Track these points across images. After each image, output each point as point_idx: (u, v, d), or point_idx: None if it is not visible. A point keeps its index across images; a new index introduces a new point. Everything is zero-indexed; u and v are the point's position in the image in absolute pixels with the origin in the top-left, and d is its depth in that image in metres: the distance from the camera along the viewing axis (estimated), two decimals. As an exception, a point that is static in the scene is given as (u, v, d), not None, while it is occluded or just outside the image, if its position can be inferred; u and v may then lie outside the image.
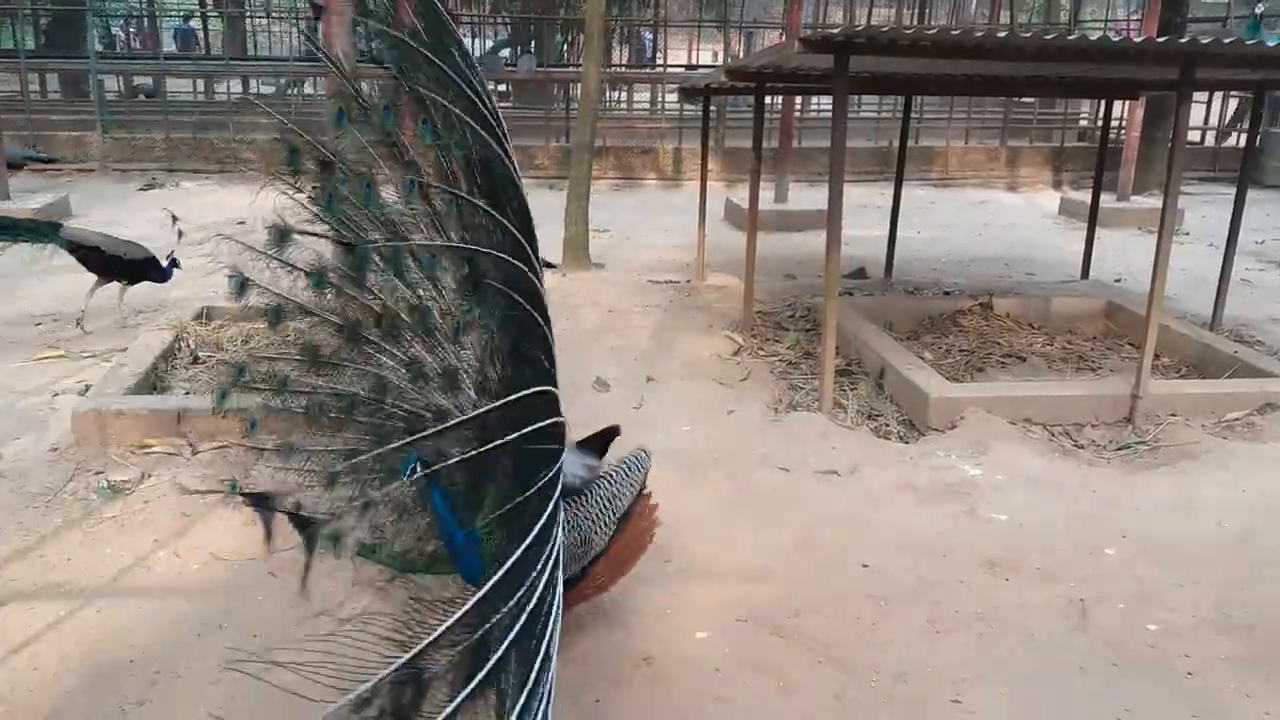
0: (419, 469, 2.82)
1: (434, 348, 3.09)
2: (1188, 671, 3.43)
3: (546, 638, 2.51)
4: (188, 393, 5.61)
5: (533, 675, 2.38)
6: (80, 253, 6.77)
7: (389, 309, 3.02)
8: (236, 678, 3.23)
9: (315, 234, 2.82)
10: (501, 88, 19.89)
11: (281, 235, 2.77)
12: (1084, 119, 19.49)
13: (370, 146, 2.92)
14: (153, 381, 5.67)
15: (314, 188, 2.87)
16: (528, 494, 2.77)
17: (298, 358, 3.07)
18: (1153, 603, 3.85)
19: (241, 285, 2.90)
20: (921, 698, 3.25)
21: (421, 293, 2.99)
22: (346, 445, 3.11)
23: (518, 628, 2.43)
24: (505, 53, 21.26)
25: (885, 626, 3.64)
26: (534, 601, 2.54)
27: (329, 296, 2.99)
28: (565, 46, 22.22)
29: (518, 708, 2.29)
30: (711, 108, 10.12)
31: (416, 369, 3.07)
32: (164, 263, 6.89)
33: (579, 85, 10.77)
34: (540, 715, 2.34)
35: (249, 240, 2.80)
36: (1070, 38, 5.29)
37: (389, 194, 2.94)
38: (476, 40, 22.05)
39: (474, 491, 3.04)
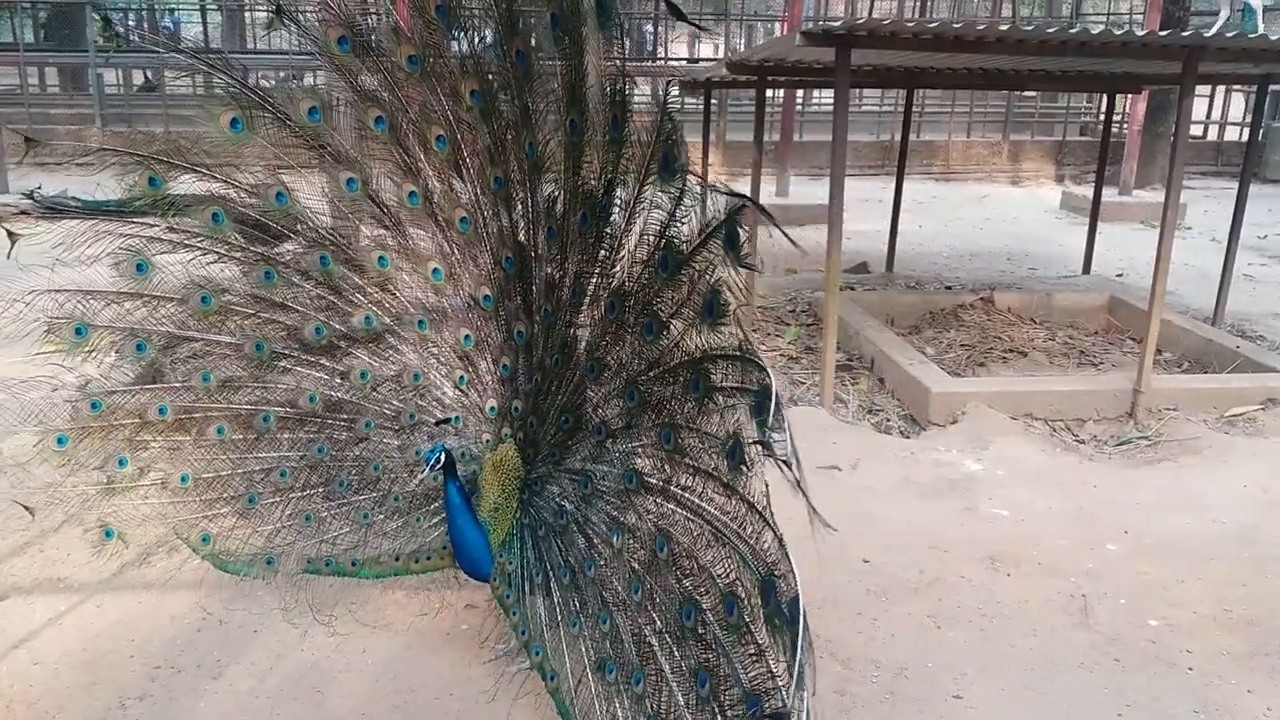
0: (443, 458, 2.83)
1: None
2: (1189, 667, 3.42)
3: None
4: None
5: None
6: None
7: None
8: (237, 673, 3.23)
9: None
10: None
11: None
12: (1086, 114, 19.45)
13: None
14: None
15: None
16: None
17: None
18: (1154, 598, 3.84)
19: None
20: (923, 693, 3.24)
21: None
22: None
23: None
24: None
25: (886, 622, 3.64)
26: None
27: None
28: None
29: None
30: (712, 101, 10.09)
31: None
32: None
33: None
34: None
35: None
36: (1072, 31, 5.27)
37: None
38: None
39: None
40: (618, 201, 2.71)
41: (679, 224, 2.53)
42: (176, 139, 3.05)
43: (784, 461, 2.27)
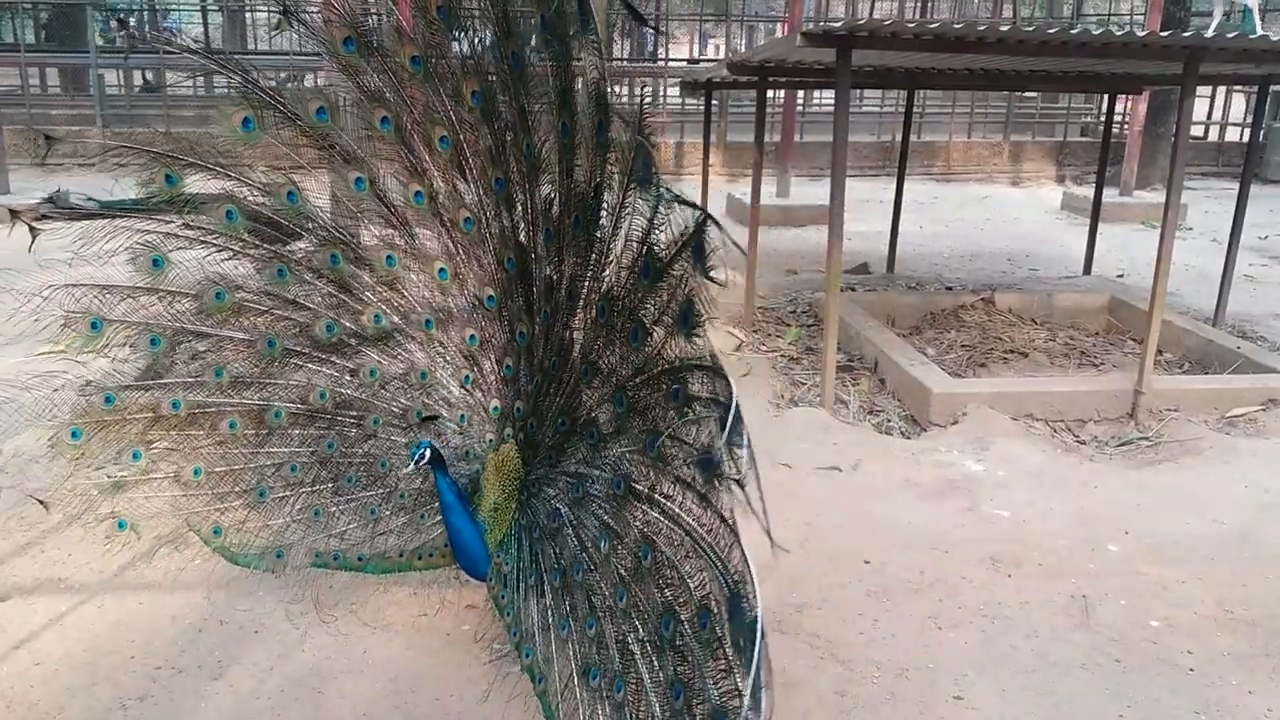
0: (428, 454, 2.84)
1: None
2: (1190, 668, 3.42)
3: None
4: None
5: None
6: None
7: None
8: (238, 674, 3.23)
9: None
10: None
11: None
12: (1087, 114, 19.45)
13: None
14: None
15: None
16: None
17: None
18: (1155, 599, 3.84)
19: None
20: (924, 694, 3.24)
21: None
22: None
23: None
24: None
25: (887, 622, 3.64)
26: None
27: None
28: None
29: None
30: (713, 102, 10.09)
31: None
32: None
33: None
34: None
35: None
36: (1072, 32, 5.27)
37: None
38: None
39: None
40: (605, 206, 2.73)
41: (657, 231, 2.55)
42: (187, 139, 3.10)
43: (737, 480, 2.27)
